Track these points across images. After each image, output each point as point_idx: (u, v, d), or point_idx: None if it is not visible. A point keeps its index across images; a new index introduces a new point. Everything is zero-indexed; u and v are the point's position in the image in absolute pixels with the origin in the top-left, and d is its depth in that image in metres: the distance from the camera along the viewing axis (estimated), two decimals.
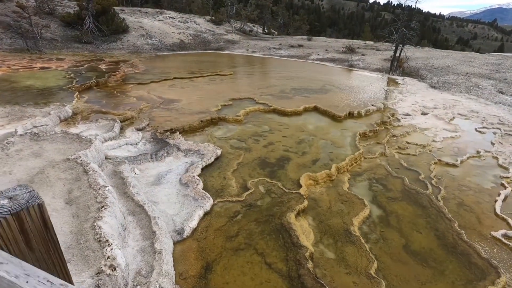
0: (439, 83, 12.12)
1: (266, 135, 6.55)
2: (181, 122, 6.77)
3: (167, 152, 5.28)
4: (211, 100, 8.69)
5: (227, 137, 6.36)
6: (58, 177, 3.56)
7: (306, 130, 6.92)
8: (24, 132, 5.00)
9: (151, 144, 5.63)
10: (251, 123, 7.20)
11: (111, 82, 10.33)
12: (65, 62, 12.92)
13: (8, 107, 6.35)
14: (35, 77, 9.77)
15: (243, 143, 6.07)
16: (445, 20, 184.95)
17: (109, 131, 5.71)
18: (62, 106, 6.53)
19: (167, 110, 7.58)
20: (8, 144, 4.29)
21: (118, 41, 20.61)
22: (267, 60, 18.18)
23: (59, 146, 4.50)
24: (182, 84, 10.65)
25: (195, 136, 6.32)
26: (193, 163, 5.06)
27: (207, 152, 5.36)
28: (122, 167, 4.40)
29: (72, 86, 8.68)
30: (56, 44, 17.79)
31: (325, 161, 5.46)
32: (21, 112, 6.25)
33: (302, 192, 4.30)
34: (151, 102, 8.14)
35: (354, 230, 3.70)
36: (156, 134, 5.99)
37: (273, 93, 9.81)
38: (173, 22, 27.37)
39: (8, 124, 5.70)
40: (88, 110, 6.86)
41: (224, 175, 4.81)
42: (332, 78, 13.06)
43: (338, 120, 7.60)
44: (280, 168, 5.17)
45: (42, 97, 7.49)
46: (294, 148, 5.96)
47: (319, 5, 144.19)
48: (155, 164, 5.01)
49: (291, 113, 7.90)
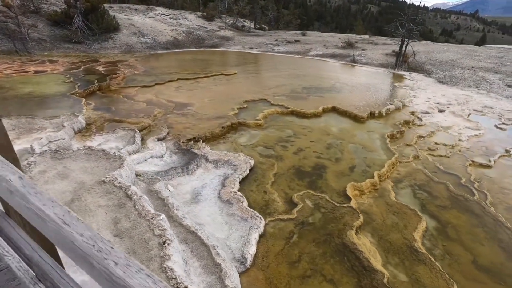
0: (446, 77, 12.06)
1: (292, 140, 6.26)
2: (201, 129, 6.40)
3: (196, 165, 4.93)
4: (224, 103, 8.32)
5: (253, 144, 6.04)
6: (98, 204, 3.18)
7: (331, 133, 6.67)
8: (42, 148, 4.55)
9: (177, 156, 5.26)
10: (272, 127, 6.89)
11: (113, 86, 9.80)
12: (60, 65, 12.24)
13: (14, 118, 5.83)
14: (32, 82, 9.15)
15: (272, 151, 5.77)
16: (429, 12, 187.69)
17: (130, 143, 5.30)
18: (74, 116, 6.05)
19: (182, 115, 7.18)
20: (29, 165, 3.86)
21: (110, 40, 19.80)
22: (266, 57, 17.80)
23: (85, 164, 4.09)
24: (188, 86, 10.21)
25: (219, 144, 5.98)
26: (226, 175, 4.73)
27: (239, 163, 5.03)
28: (157, 185, 4.04)
29: (76, 92, 8.14)
30: (45, 44, 16.92)
31: (362, 168, 5.22)
32: (29, 124, 5.75)
33: (353, 206, 4.04)
34: (163, 107, 7.71)
35: (418, 246, 3.48)
36: (179, 144, 5.62)
37: (285, 93, 9.50)
38: (164, 19, 26.56)
39: (18, 138, 5.22)
40: (101, 120, 6.39)
41: (264, 188, 4.51)
42: (339, 75, 12.83)
43: (360, 121, 7.37)
44: (319, 177, 4.90)
45: (46, 105, 6.96)
46: (325, 154, 5.69)
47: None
48: (187, 179, 4.65)
49: (311, 115, 7.63)
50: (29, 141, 5.10)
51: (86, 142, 5.33)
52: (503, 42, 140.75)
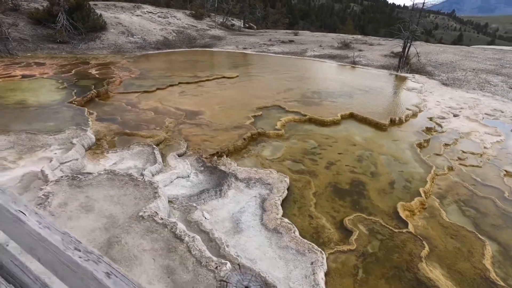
0: (449, 79, 12.05)
1: (318, 152, 5.89)
2: (221, 141, 5.93)
3: (228, 185, 4.47)
4: (236, 110, 7.86)
5: (279, 158, 5.63)
6: (142, 248, 2.69)
7: (356, 143, 6.34)
8: (54, 172, 3.95)
9: (203, 175, 4.77)
10: (294, 138, 6.49)
11: (111, 91, 9.12)
12: (48, 68, 11.35)
13: (11, 134, 5.15)
14: (22, 89, 8.34)
15: (301, 165, 5.38)
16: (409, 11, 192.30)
17: (150, 161, 4.76)
18: (81, 130, 5.42)
19: (196, 125, 6.67)
20: (47, 196, 3.29)
21: (97, 40, 18.80)
22: (263, 58, 17.37)
23: (110, 192, 3.56)
24: (191, 91, 9.65)
25: (243, 159, 5.53)
26: (263, 197, 4.30)
27: (273, 181, 4.61)
28: (195, 214, 3.56)
29: (74, 100, 7.45)
30: (27, 45, 15.80)
31: (402, 183, 4.91)
32: (30, 140, 5.09)
33: (412, 231, 3.71)
34: (172, 116, 7.16)
35: (494, 277, 3.19)
36: (203, 160, 5.13)
37: (296, 98, 9.12)
38: (153, 18, 25.60)
39: (20, 159, 4.58)
40: (110, 133, 5.79)
41: (308, 211, 4.11)
42: (344, 77, 12.59)
43: (382, 128, 7.09)
44: (360, 196, 4.55)
45: (45, 117, 6.27)
46: (359, 168, 5.36)
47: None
48: (220, 202, 4.19)
49: (330, 122, 7.29)
50: (34, 162, 4.48)
51: (100, 161, 4.76)
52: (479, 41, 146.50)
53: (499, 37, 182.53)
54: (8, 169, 4.23)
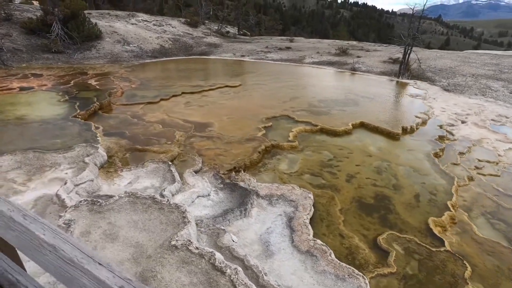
0: (450, 85, 12.12)
1: (335, 164, 5.76)
2: (235, 155, 5.75)
3: (251, 203, 4.29)
4: (244, 121, 7.70)
5: (297, 171, 5.47)
6: (182, 283, 2.48)
7: (372, 153, 6.23)
8: (70, 196, 3.72)
9: (223, 193, 4.58)
10: (308, 149, 6.35)
11: (114, 103, 8.88)
12: (46, 79, 11.04)
13: (18, 153, 4.89)
14: (21, 102, 8.05)
15: (321, 179, 5.23)
16: (397, 16, 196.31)
17: (167, 180, 4.55)
18: (91, 147, 5.18)
19: (207, 138, 6.48)
20: (68, 225, 3.06)
21: (93, 49, 18.51)
22: (262, 66, 17.30)
23: (133, 217, 3.35)
24: (196, 101, 9.47)
25: (260, 173, 5.35)
26: (289, 215, 4.13)
27: (297, 198, 4.44)
28: (225, 239, 3.37)
29: (78, 114, 7.20)
30: (21, 55, 15.43)
31: (427, 196, 4.80)
32: (38, 159, 4.84)
33: (449, 249, 3.58)
34: (181, 129, 6.96)
35: None
36: (221, 176, 4.94)
37: (303, 107, 9.01)
38: (148, 26, 25.42)
39: (30, 180, 4.33)
40: (121, 149, 5.56)
41: (338, 230, 3.95)
42: (347, 85, 12.57)
43: (395, 138, 7.01)
44: (387, 211, 4.41)
45: (50, 133, 6.00)
46: (379, 180, 5.24)
47: (280, 3, 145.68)
48: (245, 222, 4.00)
49: (342, 132, 7.18)
50: (45, 184, 4.23)
51: (114, 181, 4.53)
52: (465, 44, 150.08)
53: (484, 41, 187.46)
54: (19, 192, 3.98)
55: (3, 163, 4.67)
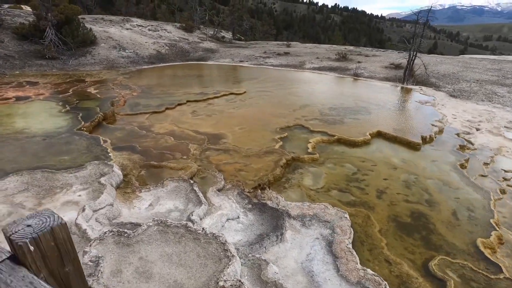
0: (455, 91, 12.07)
1: (361, 178, 5.49)
2: (257, 170, 5.43)
3: (285, 226, 3.97)
4: (258, 131, 7.40)
5: (323, 187, 5.18)
6: None
7: (396, 166, 5.99)
8: (92, 226, 3.33)
9: (253, 214, 4.24)
10: (329, 162, 6.08)
11: (118, 113, 8.47)
12: (42, 88, 10.53)
13: (25, 174, 4.47)
14: (20, 114, 7.57)
15: (350, 195, 4.95)
16: (386, 21, 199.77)
17: (192, 201, 4.19)
18: (105, 165, 4.78)
19: (224, 151, 6.14)
20: (96, 264, 2.69)
21: (88, 55, 17.98)
22: (263, 72, 17.06)
23: (165, 250, 2.99)
24: (203, 110, 9.13)
25: (286, 190, 5.04)
26: (327, 239, 3.82)
27: (332, 219, 4.14)
28: (269, 272, 3.03)
29: (83, 126, 6.77)
30: (14, 62, 14.83)
31: (465, 213, 4.56)
32: (47, 180, 4.42)
33: (508, 275, 3.32)
34: (194, 141, 6.60)
35: None
36: (247, 195, 4.60)
37: (315, 115, 8.76)
38: (143, 31, 24.97)
39: (40, 205, 3.92)
40: (135, 166, 5.17)
41: (383, 255, 3.65)
42: (353, 91, 12.41)
43: (416, 148, 6.80)
44: (428, 231, 4.15)
45: (56, 149, 5.57)
46: (411, 196, 4.98)
47: (272, 8, 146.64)
48: (282, 248, 3.67)
49: (361, 143, 6.94)
50: (59, 209, 3.83)
51: (134, 203, 4.15)
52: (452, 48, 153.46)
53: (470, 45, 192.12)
54: None
55: (9, 185, 4.24)
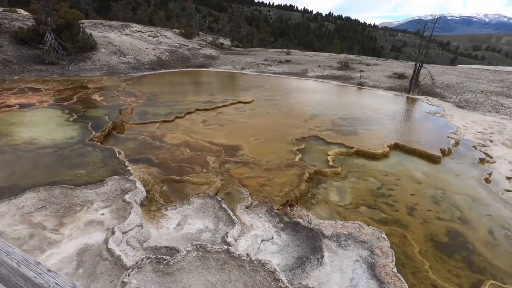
0: (461, 102, 12.13)
1: (388, 193, 5.34)
2: (281, 184, 5.24)
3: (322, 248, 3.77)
4: (274, 142, 7.23)
5: (350, 203, 5.01)
6: None
7: (420, 180, 5.87)
8: (125, 250, 3.08)
9: (286, 234, 4.04)
10: (351, 176, 5.92)
11: (127, 122, 8.22)
12: (45, 94, 10.21)
13: (42, 190, 4.19)
14: (25, 123, 7.26)
15: (380, 212, 4.79)
16: (379, 30, 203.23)
17: (220, 219, 3.97)
18: (125, 180, 4.53)
19: (243, 164, 5.94)
20: None
21: (88, 60, 17.67)
22: (267, 80, 16.97)
23: (209, 279, 2.77)
24: (213, 119, 8.94)
25: (313, 206, 4.85)
26: (367, 261, 3.63)
27: (369, 239, 3.96)
28: None
29: (94, 137, 6.51)
30: (12, 67, 14.44)
31: (501, 232, 4.43)
32: (66, 197, 4.16)
33: None
34: (210, 153, 6.39)
35: None
36: (276, 213, 4.40)
37: (327, 126, 8.64)
38: (143, 37, 24.76)
39: (61, 225, 3.65)
40: (156, 181, 4.92)
41: (428, 279, 3.47)
42: (360, 100, 12.36)
43: (436, 161, 6.70)
44: (469, 252, 3.99)
45: (70, 162, 5.30)
46: (442, 213, 4.84)
47: (267, 15, 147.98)
48: (322, 272, 3.47)
49: (380, 155, 6.81)
50: (82, 230, 3.57)
51: (161, 223, 3.91)
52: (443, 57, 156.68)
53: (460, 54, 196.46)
54: (54, 243, 3.31)
55: (26, 202, 3.97)
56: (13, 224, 3.55)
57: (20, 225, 3.57)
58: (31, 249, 3.16)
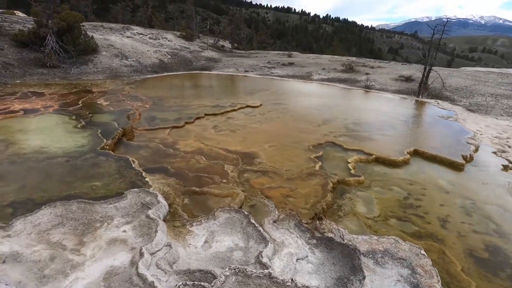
0: (472, 105, 11.98)
1: (416, 204, 5.12)
2: (305, 195, 5.01)
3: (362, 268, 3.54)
4: (290, 149, 7.01)
5: (379, 215, 4.78)
6: None
7: (447, 189, 5.66)
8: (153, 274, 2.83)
9: (319, 251, 3.80)
10: (375, 185, 5.70)
11: (136, 128, 7.97)
12: (49, 99, 9.93)
13: (59, 205, 3.93)
14: (32, 129, 6.99)
15: (412, 225, 4.57)
16: (376, 32, 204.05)
17: (250, 235, 3.73)
18: (146, 193, 4.28)
19: (262, 174, 5.70)
20: None
21: (90, 63, 17.38)
22: (272, 82, 16.77)
23: None
24: (223, 124, 8.71)
25: (342, 220, 4.62)
26: (410, 281, 3.40)
27: (408, 256, 3.74)
28: None
29: (106, 145, 6.25)
30: (13, 70, 14.13)
31: None
32: (84, 212, 3.90)
33: None
34: (227, 161, 6.15)
35: None
36: (306, 227, 4.16)
37: (341, 131, 8.44)
38: (144, 39, 24.50)
39: (82, 245, 3.39)
40: (177, 193, 4.67)
41: None
42: (370, 104, 12.19)
43: (460, 168, 6.50)
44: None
45: (84, 173, 5.03)
46: (476, 225, 4.63)
47: (265, 17, 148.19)
48: None
49: (401, 162, 6.60)
50: (105, 249, 3.32)
51: (187, 240, 3.65)
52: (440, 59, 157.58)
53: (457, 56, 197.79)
54: (77, 266, 3.05)
55: (42, 218, 3.71)
56: (31, 245, 3.29)
57: (38, 245, 3.31)
58: (54, 273, 2.90)
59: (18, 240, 3.36)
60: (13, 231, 3.46)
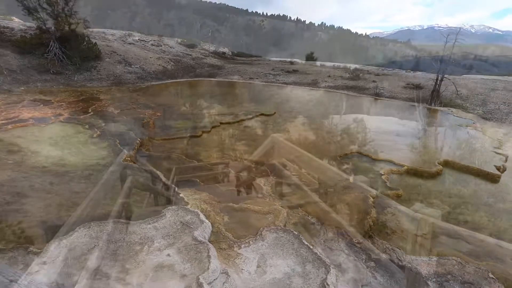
0: (486, 113, 11.89)
1: (463, 219, 4.88)
2: (347, 211, 4.72)
3: None
4: (317, 160, 6.72)
5: (428, 232, 4.51)
6: None
7: (487, 202, 5.43)
8: None
9: (380, 275, 3.50)
10: (414, 199, 5.45)
11: (152, 137, 7.64)
12: (58, 107, 9.55)
13: (93, 226, 3.57)
14: (45, 140, 6.61)
15: (465, 243, 4.29)
16: (370, 40, 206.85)
17: (304, 258, 3.41)
18: (185, 211, 3.94)
19: (295, 187, 5.41)
20: None
21: (93, 70, 17.01)
22: (279, 90, 16.58)
23: None
24: (242, 134, 8.44)
25: (390, 237, 4.34)
26: None
27: (475, 279, 3.46)
28: None
29: (127, 156, 5.90)
30: (16, 77, 13.70)
31: None
32: (121, 233, 3.55)
33: None
34: (256, 173, 5.85)
35: None
36: (360, 248, 3.87)
37: (365, 141, 8.21)
38: (146, 46, 24.24)
39: (126, 272, 3.05)
40: (215, 210, 4.34)
41: None
42: (384, 112, 12.03)
43: (495, 180, 6.29)
44: None
45: (111, 189, 4.69)
46: None
47: (261, 25, 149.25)
48: None
49: (434, 174, 6.37)
50: (152, 278, 2.97)
51: (238, 265, 3.33)
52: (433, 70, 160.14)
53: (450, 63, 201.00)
54: None
55: (77, 241, 3.36)
56: (71, 273, 2.93)
57: (77, 272, 2.96)
58: None
59: (53, 269, 3.01)
60: (48, 257, 3.11)
